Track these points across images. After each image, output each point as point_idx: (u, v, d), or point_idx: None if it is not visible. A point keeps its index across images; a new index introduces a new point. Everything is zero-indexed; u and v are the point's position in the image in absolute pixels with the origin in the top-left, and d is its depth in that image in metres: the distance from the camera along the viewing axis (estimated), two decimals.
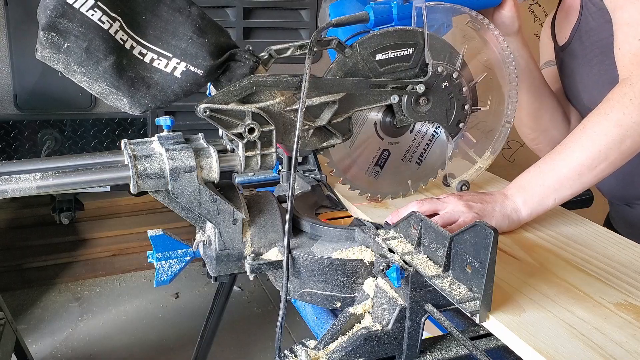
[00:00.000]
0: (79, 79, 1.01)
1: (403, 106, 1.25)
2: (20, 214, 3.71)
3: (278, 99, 1.11)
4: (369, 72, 1.21)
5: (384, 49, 1.21)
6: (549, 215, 1.32)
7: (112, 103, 1.04)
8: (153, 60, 1.03)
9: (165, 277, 1.08)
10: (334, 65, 1.19)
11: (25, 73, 2.20)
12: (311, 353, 0.94)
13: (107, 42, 0.99)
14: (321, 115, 1.18)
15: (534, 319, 0.91)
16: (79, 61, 0.98)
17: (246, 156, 1.09)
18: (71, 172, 1.00)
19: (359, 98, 1.21)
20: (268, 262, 1.09)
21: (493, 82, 1.38)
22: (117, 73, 1.00)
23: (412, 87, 1.24)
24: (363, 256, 1.07)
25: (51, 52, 0.98)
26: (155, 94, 1.03)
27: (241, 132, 1.08)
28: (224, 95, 1.06)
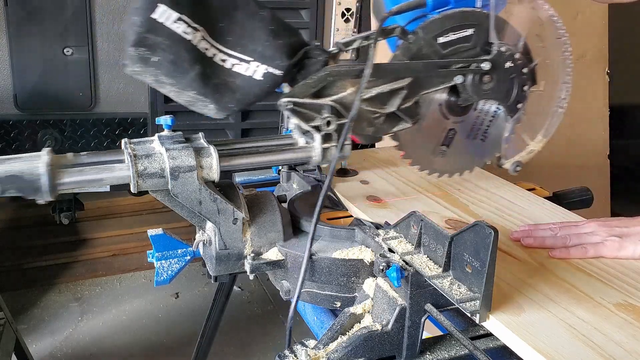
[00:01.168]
0: (167, 89, 1.04)
1: (467, 85, 1.28)
2: (20, 214, 3.71)
3: (349, 90, 1.15)
4: (432, 56, 1.24)
5: (445, 32, 1.24)
6: (549, 215, 1.32)
7: (199, 110, 1.07)
8: (234, 65, 1.06)
9: (165, 277, 1.08)
10: (398, 52, 1.22)
11: (25, 73, 2.20)
12: (311, 353, 0.94)
13: (191, 53, 1.02)
14: (391, 101, 1.21)
15: (534, 319, 0.91)
16: (167, 73, 1.01)
17: (323, 148, 1.13)
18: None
19: (425, 81, 1.24)
20: (268, 262, 1.10)
21: (548, 66, 1.40)
22: (203, 81, 1.03)
23: (478, 65, 1.26)
24: (363, 256, 1.07)
25: (141, 67, 1.01)
26: (239, 97, 1.06)
27: (319, 125, 1.12)
28: (303, 87, 1.10)
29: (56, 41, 2.20)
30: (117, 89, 2.33)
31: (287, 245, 1.12)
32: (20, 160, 0.96)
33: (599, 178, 2.73)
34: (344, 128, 1.13)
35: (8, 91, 2.20)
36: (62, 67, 2.24)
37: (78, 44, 2.23)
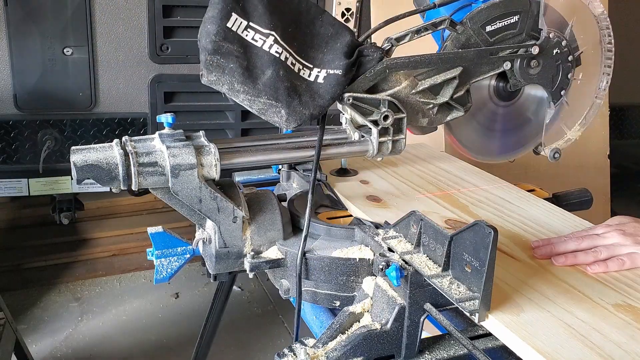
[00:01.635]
0: (241, 98, 1.07)
1: (516, 70, 1.33)
2: (20, 214, 3.71)
3: (404, 83, 1.21)
4: (481, 45, 1.29)
5: (492, 21, 1.29)
6: (548, 216, 1.32)
7: (270, 118, 1.09)
8: (300, 70, 1.10)
9: (165, 275, 1.08)
10: (448, 43, 1.27)
11: (25, 73, 2.20)
12: (310, 352, 0.94)
13: (262, 58, 1.06)
14: (442, 92, 1.27)
15: (533, 319, 0.91)
16: (241, 80, 1.05)
17: (379, 141, 1.18)
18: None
19: (475, 70, 1.29)
20: (267, 261, 1.10)
21: (590, 56, 1.45)
22: (274, 85, 1.06)
23: (526, 49, 1.31)
24: (362, 255, 1.07)
25: (217, 75, 1.05)
26: (306, 100, 1.09)
27: (376, 119, 1.17)
28: (361, 81, 1.16)
29: (56, 41, 2.20)
30: (117, 89, 2.33)
31: (287, 244, 1.12)
32: (94, 150, 1.00)
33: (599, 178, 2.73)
34: (400, 123, 1.20)
35: (8, 91, 2.20)
36: (62, 67, 2.24)
37: (78, 44, 2.23)
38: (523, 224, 1.28)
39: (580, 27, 1.41)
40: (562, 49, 1.36)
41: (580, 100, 1.48)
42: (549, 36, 1.33)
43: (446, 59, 1.24)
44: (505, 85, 1.39)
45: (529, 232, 1.24)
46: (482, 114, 1.43)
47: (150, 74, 2.34)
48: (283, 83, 1.07)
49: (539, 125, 1.49)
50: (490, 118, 1.44)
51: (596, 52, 1.45)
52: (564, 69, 1.39)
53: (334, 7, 2.43)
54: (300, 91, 1.09)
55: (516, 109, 1.46)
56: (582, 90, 1.47)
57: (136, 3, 2.26)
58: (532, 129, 1.50)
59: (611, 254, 1.09)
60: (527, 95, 1.45)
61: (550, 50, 1.35)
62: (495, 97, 1.42)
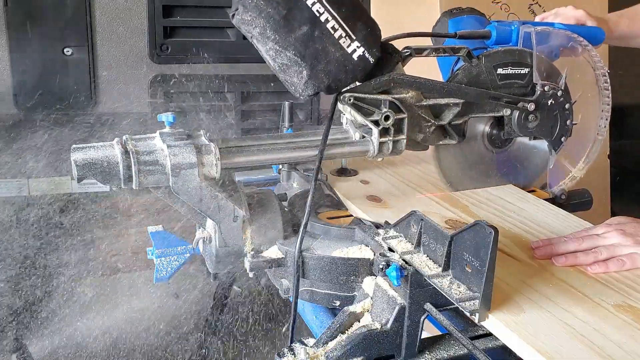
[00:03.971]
0: (269, 46, 1.05)
1: (513, 121, 1.37)
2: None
3: (410, 93, 1.22)
4: (488, 84, 1.33)
5: (505, 65, 1.34)
6: (549, 217, 1.32)
7: (289, 78, 1.08)
8: (341, 37, 1.07)
9: (165, 274, 1.08)
10: (460, 71, 1.31)
11: (25, 73, 2.20)
12: (310, 351, 0.94)
13: (303, 12, 1.04)
14: (443, 115, 1.29)
15: (533, 319, 0.91)
16: (275, 27, 1.03)
17: (380, 142, 1.18)
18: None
19: (477, 105, 1.33)
20: (268, 260, 1.10)
21: (588, 98, 1.49)
22: (306, 43, 1.05)
23: (524, 104, 1.35)
24: (363, 255, 1.07)
25: (252, 16, 1.03)
26: (331, 69, 1.08)
27: (377, 119, 1.17)
28: (365, 87, 1.16)
29: (56, 41, 2.20)
30: (117, 89, 2.33)
31: (287, 244, 1.12)
32: (95, 148, 1.01)
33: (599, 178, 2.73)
34: (400, 124, 1.20)
35: (8, 91, 2.20)
36: (62, 67, 2.23)
37: (78, 44, 2.23)
38: (523, 224, 1.28)
39: (575, 69, 1.44)
40: (557, 100, 1.39)
41: (581, 137, 1.51)
42: (544, 90, 1.36)
43: (449, 89, 1.27)
44: (498, 133, 1.41)
45: (529, 232, 1.24)
46: (474, 156, 1.45)
47: (150, 73, 2.34)
48: (315, 44, 1.05)
49: (531, 173, 1.53)
50: (481, 162, 1.47)
51: (594, 90, 1.48)
52: (562, 117, 1.41)
53: None
54: (330, 57, 1.07)
55: (507, 157, 1.49)
56: (584, 127, 1.50)
57: (136, 3, 2.26)
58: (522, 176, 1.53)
59: (611, 255, 1.09)
60: (519, 144, 1.49)
61: (546, 102, 1.37)
62: (488, 143, 1.45)
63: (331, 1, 1.05)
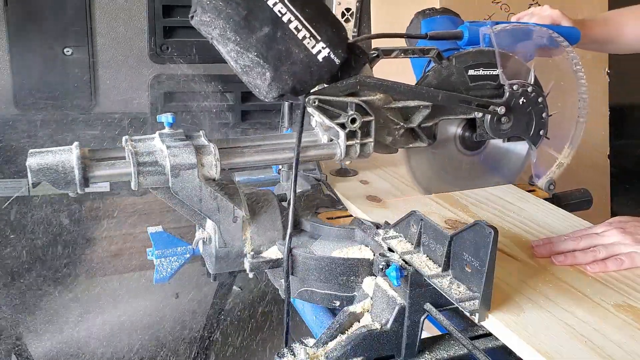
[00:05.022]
0: (230, 47, 1.03)
1: (486, 124, 1.34)
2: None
3: (378, 95, 1.19)
4: (460, 85, 1.30)
5: (476, 66, 1.31)
6: (549, 217, 1.32)
7: (252, 80, 1.06)
8: (305, 38, 1.05)
9: (165, 274, 1.08)
10: (431, 73, 1.28)
11: (25, 73, 2.20)
12: (310, 351, 0.94)
13: (264, 13, 1.02)
14: (412, 117, 1.27)
15: (533, 319, 0.91)
16: (235, 29, 1.01)
17: (347, 145, 1.16)
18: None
19: (448, 107, 1.30)
20: (267, 260, 1.10)
21: (564, 84, 1.46)
22: (268, 44, 1.03)
23: (494, 108, 1.32)
24: (362, 255, 1.07)
25: (211, 17, 1.01)
26: (296, 70, 1.06)
27: (344, 122, 1.15)
28: (331, 89, 1.14)
29: (56, 41, 2.20)
30: (117, 89, 2.33)
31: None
32: (51, 153, 0.98)
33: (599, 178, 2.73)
34: (368, 126, 1.18)
35: (7, 91, 2.20)
36: (62, 67, 2.24)
37: (78, 44, 2.23)
38: (523, 224, 1.28)
39: (543, 61, 1.43)
40: (529, 96, 1.36)
41: (564, 123, 1.48)
42: (513, 89, 1.33)
43: (417, 92, 1.24)
44: (471, 135, 1.39)
45: (529, 232, 1.24)
46: (446, 159, 1.42)
47: (150, 74, 2.34)
48: (277, 45, 1.03)
49: (509, 173, 1.51)
50: (453, 165, 1.44)
51: (569, 76, 1.45)
52: (536, 112, 1.38)
53: (334, 7, 2.43)
54: (294, 58, 1.05)
55: (481, 159, 1.46)
56: (565, 113, 1.48)
57: (136, 3, 2.26)
58: (501, 177, 1.51)
59: (610, 253, 1.09)
60: (494, 145, 1.46)
61: (517, 101, 1.34)
62: (460, 145, 1.42)
63: (294, 1, 1.03)
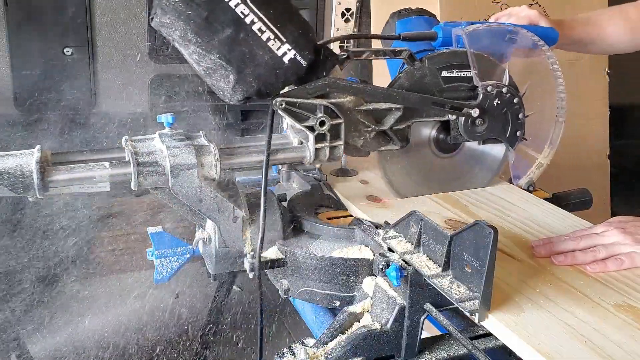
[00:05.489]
0: (191, 50, 1.01)
1: (460, 126, 1.31)
2: None
3: (349, 97, 1.17)
4: (433, 87, 1.27)
5: (450, 67, 1.28)
6: (549, 217, 1.32)
7: (216, 82, 1.04)
8: (269, 39, 1.03)
9: (165, 275, 1.08)
10: (403, 75, 1.25)
11: (25, 73, 2.20)
12: (310, 351, 0.94)
13: (226, 14, 1.00)
14: (384, 120, 1.24)
15: (533, 319, 0.91)
16: (196, 30, 0.99)
17: (316, 148, 1.14)
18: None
19: (421, 110, 1.27)
20: (267, 261, 1.10)
21: (541, 84, 1.44)
22: (231, 46, 1.01)
23: (467, 110, 1.29)
24: (362, 255, 1.07)
25: (171, 19, 0.99)
26: (260, 73, 1.04)
27: (312, 125, 1.13)
28: (299, 91, 1.11)
29: (56, 41, 2.20)
30: (117, 89, 2.34)
31: (287, 244, 1.12)
32: (11, 157, 0.96)
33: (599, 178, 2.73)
34: (337, 129, 1.15)
35: (8, 91, 2.20)
36: (62, 67, 2.24)
37: (78, 44, 2.24)
38: (523, 224, 1.28)
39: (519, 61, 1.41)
40: (503, 97, 1.33)
41: (543, 124, 1.46)
42: (487, 91, 1.30)
43: (388, 95, 1.21)
44: (445, 137, 1.36)
45: (529, 232, 1.24)
46: (420, 162, 1.40)
47: (150, 74, 2.35)
48: (240, 47, 1.01)
49: (485, 175, 1.48)
50: (428, 168, 1.42)
51: (546, 76, 1.43)
52: (512, 113, 1.35)
53: (333, 7, 2.44)
54: (258, 60, 1.03)
55: (457, 161, 1.44)
56: (544, 113, 1.45)
57: (136, 3, 2.26)
58: (477, 179, 1.48)
59: (610, 253, 1.09)
60: (468, 149, 1.43)
61: (492, 103, 1.31)
62: (434, 146, 1.40)
63: (257, 2, 1.01)
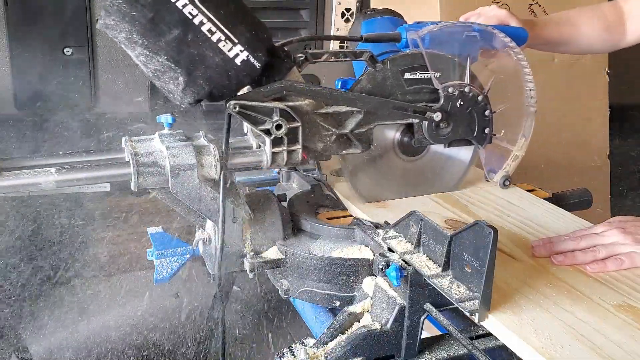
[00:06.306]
0: (138, 51, 0.98)
1: (424, 129, 1.28)
2: None
3: (307, 100, 1.14)
4: (395, 89, 1.24)
5: (413, 69, 1.25)
6: (549, 217, 1.32)
7: (165, 85, 1.01)
8: (220, 40, 0.99)
9: (165, 275, 1.08)
10: (364, 77, 1.22)
11: (25, 73, 2.20)
12: (310, 352, 0.94)
13: (173, 15, 0.96)
14: (345, 123, 1.21)
15: (533, 319, 0.91)
16: (142, 32, 0.96)
17: (273, 152, 1.11)
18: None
19: (382, 113, 1.24)
20: (267, 261, 1.10)
21: (507, 77, 1.41)
22: (179, 47, 0.98)
23: (430, 114, 1.27)
24: (362, 255, 1.07)
25: (115, 20, 0.96)
26: (211, 75, 1.00)
27: (269, 129, 1.09)
28: (255, 94, 1.08)
29: (56, 41, 2.20)
30: (117, 89, 2.33)
31: (287, 244, 1.12)
32: None
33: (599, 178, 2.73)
34: (295, 133, 1.11)
35: (8, 91, 2.20)
36: (62, 67, 2.23)
37: (78, 44, 2.23)
38: (523, 224, 1.28)
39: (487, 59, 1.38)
40: (467, 97, 1.29)
41: (516, 116, 1.43)
42: (448, 92, 1.27)
43: (348, 98, 1.18)
44: (410, 140, 1.32)
45: (529, 232, 1.24)
46: (385, 165, 1.37)
47: None
48: (189, 48, 0.98)
49: (453, 177, 1.45)
50: (394, 172, 1.38)
51: (513, 69, 1.40)
52: (477, 111, 1.32)
53: (333, 7, 2.43)
54: (208, 62, 1.00)
55: (423, 164, 1.40)
56: (515, 105, 1.42)
57: None
58: (445, 182, 1.45)
59: (610, 253, 1.09)
60: (434, 152, 1.39)
61: (455, 104, 1.28)
62: (399, 150, 1.36)
63: (207, 3, 0.98)
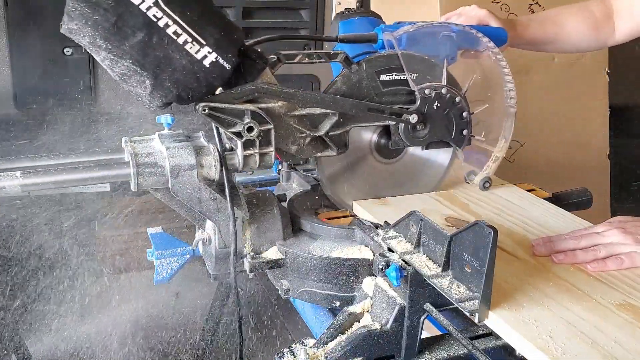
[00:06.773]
0: (102, 56, 0.97)
1: (400, 132, 1.26)
2: None
3: (280, 102, 1.11)
4: (371, 91, 1.22)
5: (389, 71, 1.23)
6: (549, 216, 1.32)
7: (133, 88, 1.00)
8: (186, 42, 0.97)
9: (165, 275, 1.08)
10: (339, 78, 1.20)
11: (25, 73, 2.20)
12: (310, 352, 0.94)
13: (136, 18, 0.95)
14: (320, 125, 1.18)
15: (534, 316, 0.91)
16: (105, 36, 0.94)
17: (245, 155, 1.08)
18: (72, 169, 1.00)
19: (356, 116, 1.21)
20: (267, 261, 1.10)
21: (486, 78, 1.39)
22: (144, 50, 0.96)
23: (406, 117, 1.24)
24: (362, 255, 1.07)
25: (78, 25, 0.94)
26: (179, 77, 0.99)
27: (240, 131, 1.07)
28: (225, 96, 1.05)
29: (56, 41, 2.20)
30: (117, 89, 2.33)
31: (287, 244, 1.12)
32: None
33: (599, 178, 2.73)
34: (267, 135, 1.09)
35: (8, 91, 2.20)
36: (62, 67, 2.23)
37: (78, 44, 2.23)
38: (523, 224, 1.28)
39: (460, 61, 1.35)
40: (443, 98, 1.27)
41: (496, 117, 1.41)
42: (424, 94, 1.25)
43: (321, 100, 1.16)
44: (387, 142, 1.30)
45: (529, 231, 1.24)
46: (361, 168, 1.34)
47: None
48: (154, 51, 0.96)
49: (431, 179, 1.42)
50: (371, 175, 1.36)
51: (492, 70, 1.38)
52: (455, 112, 1.30)
53: (333, 7, 2.43)
54: (175, 65, 0.98)
55: (401, 166, 1.37)
56: (495, 107, 1.40)
57: None
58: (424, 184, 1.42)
59: (610, 253, 1.09)
60: (411, 155, 1.37)
61: (431, 106, 1.26)
62: (375, 152, 1.34)
63: (172, 4, 0.96)
